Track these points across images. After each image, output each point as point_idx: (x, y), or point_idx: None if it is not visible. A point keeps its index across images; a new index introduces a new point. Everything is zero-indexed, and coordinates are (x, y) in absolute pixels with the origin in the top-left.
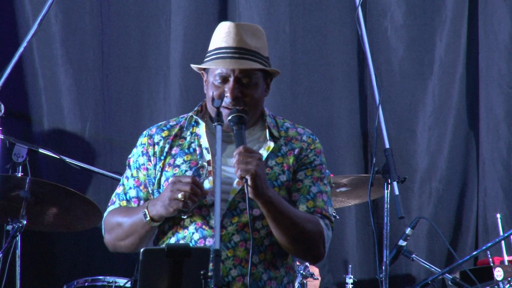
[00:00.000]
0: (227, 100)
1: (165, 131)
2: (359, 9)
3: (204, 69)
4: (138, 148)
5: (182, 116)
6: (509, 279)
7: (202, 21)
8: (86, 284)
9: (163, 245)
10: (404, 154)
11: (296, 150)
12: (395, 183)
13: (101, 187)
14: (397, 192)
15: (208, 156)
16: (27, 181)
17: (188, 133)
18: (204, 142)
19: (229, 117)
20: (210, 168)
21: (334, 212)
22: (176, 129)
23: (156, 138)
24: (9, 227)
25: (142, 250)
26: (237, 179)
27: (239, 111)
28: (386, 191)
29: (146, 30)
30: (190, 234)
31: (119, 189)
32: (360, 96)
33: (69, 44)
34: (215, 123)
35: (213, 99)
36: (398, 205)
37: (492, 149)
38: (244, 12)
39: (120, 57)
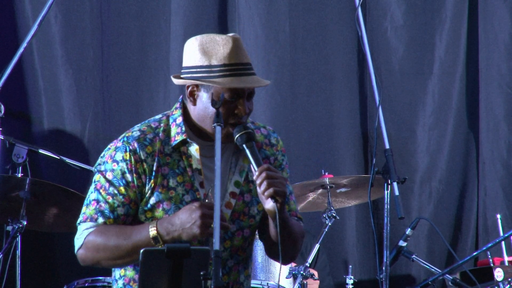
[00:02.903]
0: (238, 116)
1: (148, 147)
2: (359, 9)
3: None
4: (119, 163)
5: (154, 124)
6: (509, 279)
7: (202, 21)
8: (86, 284)
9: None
10: (404, 154)
11: (272, 158)
12: (395, 184)
13: None
14: (397, 193)
15: (200, 178)
16: (27, 181)
17: (170, 148)
18: (196, 163)
19: (237, 135)
20: (204, 191)
21: (334, 213)
22: (157, 144)
23: (142, 155)
24: (9, 228)
25: (142, 250)
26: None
27: (245, 128)
28: (386, 192)
29: (146, 30)
30: None
31: (100, 206)
32: (360, 96)
33: (69, 44)
34: (214, 124)
35: (213, 100)
36: (398, 205)
37: (492, 149)
38: (244, 12)
39: (120, 57)
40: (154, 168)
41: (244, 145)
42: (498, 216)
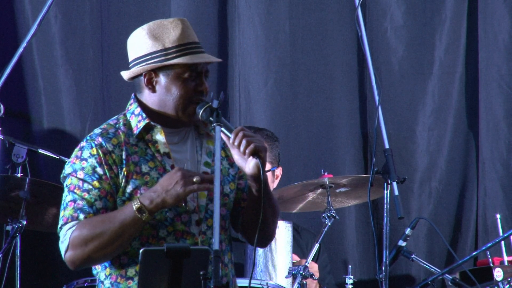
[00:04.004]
0: (201, 94)
1: (113, 139)
2: (359, 9)
3: (155, 69)
4: (88, 160)
5: (112, 122)
6: (509, 279)
7: (202, 21)
8: (86, 284)
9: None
10: (403, 154)
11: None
12: (394, 184)
13: None
14: (396, 193)
15: (170, 161)
16: (27, 181)
17: (134, 139)
18: (163, 147)
19: (201, 111)
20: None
21: (333, 213)
22: (121, 136)
23: (109, 146)
24: (8, 228)
25: (141, 250)
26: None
27: (206, 102)
28: (385, 192)
29: None
30: None
31: (77, 204)
32: (360, 96)
33: (68, 44)
34: (214, 124)
35: (212, 100)
36: (398, 205)
37: (492, 149)
38: (244, 12)
39: (120, 57)
40: (124, 157)
41: (210, 118)
42: (498, 216)
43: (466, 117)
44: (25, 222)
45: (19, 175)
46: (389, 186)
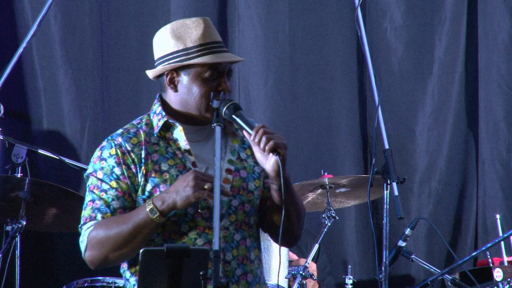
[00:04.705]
0: (222, 94)
1: (133, 139)
2: (359, 9)
3: (176, 68)
4: (108, 160)
5: (135, 122)
6: (509, 279)
7: None
8: (86, 284)
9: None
10: (403, 154)
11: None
12: (394, 184)
13: None
14: (396, 193)
15: (191, 158)
16: (27, 181)
17: (156, 138)
18: (184, 145)
19: (224, 109)
20: (198, 169)
21: (333, 213)
22: (142, 135)
23: (128, 146)
24: (8, 228)
25: (141, 250)
26: (223, 177)
27: (230, 100)
28: (385, 192)
29: (146, 30)
30: (192, 240)
31: (95, 204)
32: (360, 96)
33: (68, 44)
34: (214, 124)
35: (212, 100)
36: (398, 205)
37: (491, 149)
38: (243, 12)
39: (120, 57)
40: (143, 156)
41: (233, 116)
42: (498, 216)
43: (465, 117)
44: (25, 222)
45: (19, 175)
46: (389, 186)
